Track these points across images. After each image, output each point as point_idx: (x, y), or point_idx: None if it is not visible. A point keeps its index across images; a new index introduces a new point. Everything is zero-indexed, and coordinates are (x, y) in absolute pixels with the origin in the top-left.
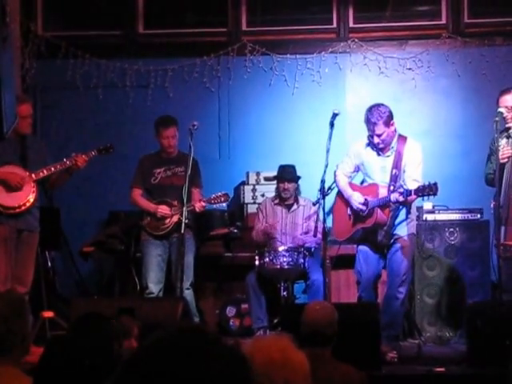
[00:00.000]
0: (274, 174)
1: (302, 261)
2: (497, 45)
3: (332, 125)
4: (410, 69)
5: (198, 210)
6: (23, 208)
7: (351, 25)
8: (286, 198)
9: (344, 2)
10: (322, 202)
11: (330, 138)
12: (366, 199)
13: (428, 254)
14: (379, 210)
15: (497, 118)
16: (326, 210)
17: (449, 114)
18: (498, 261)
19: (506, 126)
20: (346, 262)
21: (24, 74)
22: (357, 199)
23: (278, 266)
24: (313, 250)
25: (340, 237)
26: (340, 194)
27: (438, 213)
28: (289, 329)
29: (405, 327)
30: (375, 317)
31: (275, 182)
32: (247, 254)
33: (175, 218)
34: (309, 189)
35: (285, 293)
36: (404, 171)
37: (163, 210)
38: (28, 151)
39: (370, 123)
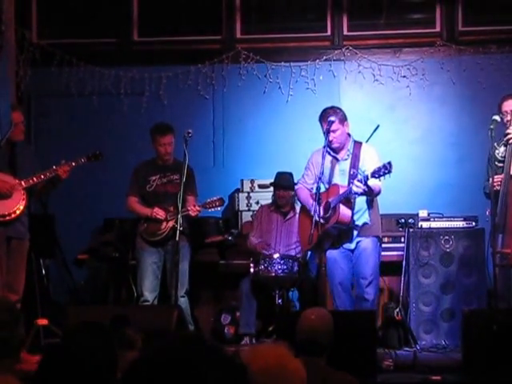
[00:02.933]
0: (269, 181)
1: (297, 268)
2: (491, 52)
3: (327, 132)
4: (404, 76)
5: (192, 214)
6: (13, 216)
7: (345, 32)
8: (282, 206)
9: (338, 9)
10: (317, 209)
11: (324, 145)
12: (326, 202)
13: (423, 261)
14: (342, 206)
15: (492, 126)
16: None
17: (443, 122)
18: (494, 269)
19: (507, 131)
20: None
21: (19, 82)
22: (317, 211)
23: (273, 274)
24: (307, 257)
25: (307, 245)
26: (303, 206)
27: (433, 220)
28: (283, 336)
29: (400, 335)
30: (371, 324)
31: (270, 189)
32: (242, 262)
33: (171, 223)
34: None
35: (279, 300)
36: (364, 171)
37: (158, 212)
38: (17, 158)
39: (325, 121)
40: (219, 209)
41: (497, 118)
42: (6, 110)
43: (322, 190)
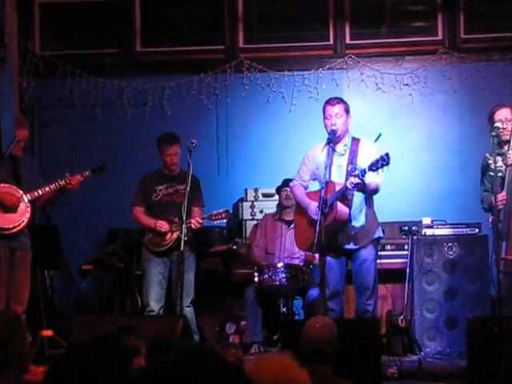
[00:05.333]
0: (273, 190)
1: (301, 277)
2: (493, 60)
3: (329, 141)
4: (406, 84)
5: (193, 226)
6: (18, 228)
7: (348, 41)
8: (287, 206)
9: (340, 18)
10: (320, 218)
11: (327, 154)
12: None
13: (427, 268)
14: (339, 204)
15: (494, 133)
16: None
17: (446, 130)
18: (498, 275)
19: (503, 138)
20: (351, 276)
21: (22, 93)
22: (313, 209)
23: (277, 283)
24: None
25: (304, 245)
26: (298, 205)
27: (437, 227)
28: (288, 345)
29: (405, 342)
30: (375, 332)
31: (275, 198)
32: (246, 271)
33: (175, 235)
34: None
35: (284, 309)
36: (354, 167)
37: (162, 225)
38: (21, 170)
39: (329, 105)
40: (225, 221)
41: (499, 125)
42: (9, 121)
43: (317, 188)
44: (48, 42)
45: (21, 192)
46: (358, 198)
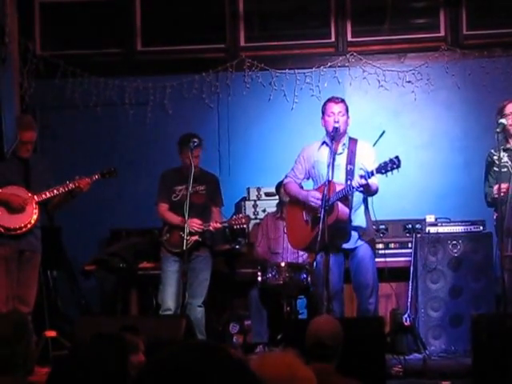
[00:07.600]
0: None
1: (305, 276)
2: (496, 56)
3: (332, 139)
4: (409, 82)
5: (212, 229)
6: (24, 229)
7: (349, 39)
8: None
9: (342, 15)
10: (323, 216)
11: (330, 152)
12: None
13: (431, 267)
14: (340, 204)
15: (498, 129)
16: None
17: (449, 127)
18: (502, 273)
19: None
20: (348, 275)
21: (23, 94)
22: (314, 195)
23: (281, 282)
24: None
25: (299, 245)
26: (291, 202)
27: (441, 225)
28: (292, 344)
29: (409, 341)
30: (380, 330)
31: (277, 197)
32: (250, 270)
33: (194, 237)
34: None
35: (288, 308)
36: (361, 168)
37: (195, 224)
38: (31, 172)
39: (332, 102)
40: (245, 226)
41: (503, 121)
42: (11, 122)
43: (310, 187)
44: (48, 42)
45: (29, 193)
46: (356, 198)
